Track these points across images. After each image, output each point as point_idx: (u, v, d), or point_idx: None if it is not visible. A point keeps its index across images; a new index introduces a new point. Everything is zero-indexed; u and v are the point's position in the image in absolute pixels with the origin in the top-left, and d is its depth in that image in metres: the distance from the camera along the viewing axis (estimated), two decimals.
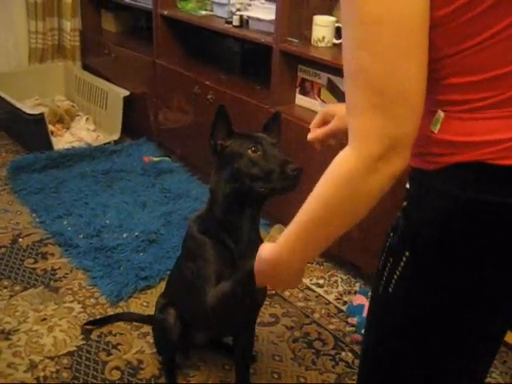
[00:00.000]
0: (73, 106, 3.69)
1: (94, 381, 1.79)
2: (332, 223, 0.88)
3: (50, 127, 3.29)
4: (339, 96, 2.32)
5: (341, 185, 0.83)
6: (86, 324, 2.01)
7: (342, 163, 0.82)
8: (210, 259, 1.46)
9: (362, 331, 1.15)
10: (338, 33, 2.35)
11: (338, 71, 2.25)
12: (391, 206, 0.95)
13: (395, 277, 0.91)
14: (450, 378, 0.96)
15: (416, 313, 0.92)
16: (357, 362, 1.90)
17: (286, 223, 0.98)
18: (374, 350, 1.04)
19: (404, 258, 0.89)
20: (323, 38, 2.32)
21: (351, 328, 2.08)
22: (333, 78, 2.32)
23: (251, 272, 1.12)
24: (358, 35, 0.75)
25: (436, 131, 0.82)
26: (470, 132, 0.80)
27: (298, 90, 2.48)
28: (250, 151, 1.38)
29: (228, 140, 1.43)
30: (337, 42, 2.35)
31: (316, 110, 2.42)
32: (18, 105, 3.20)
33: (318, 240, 0.92)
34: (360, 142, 0.79)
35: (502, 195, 0.79)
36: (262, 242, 1.52)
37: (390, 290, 0.93)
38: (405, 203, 0.92)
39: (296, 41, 2.36)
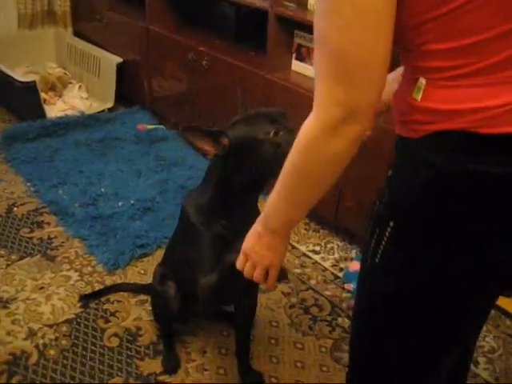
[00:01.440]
0: (65, 74, 3.63)
1: (94, 348, 1.81)
2: (304, 185, 0.92)
3: (43, 95, 3.24)
4: None
5: (305, 149, 0.87)
6: (82, 298, 2.00)
7: (306, 128, 0.86)
8: (207, 252, 1.43)
9: None
10: None
11: None
12: (386, 173, 0.94)
13: (381, 247, 0.92)
14: (437, 342, 0.97)
15: (402, 282, 0.93)
16: None
17: None
18: (364, 317, 1.05)
19: (389, 228, 0.90)
20: None
21: (347, 294, 2.10)
22: None
23: (233, 265, 1.13)
24: (326, 6, 0.78)
25: (418, 99, 0.83)
26: (451, 100, 0.80)
27: (294, 55, 2.45)
28: (272, 134, 1.25)
29: (222, 139, 1.29)
30: None
31: (312, 76, 2.39)
32: (9, 72, 3.14)
33: (297, 201, 0.96)
34: (320, 107, 0.83)
35: (483, 164, 0.79)
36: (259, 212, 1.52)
37: (377, 260, 0.94)
38: (390, 172, 0.92)
39: (292, 5, 2.32)
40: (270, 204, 0.99)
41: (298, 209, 0.98)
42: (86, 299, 2.00)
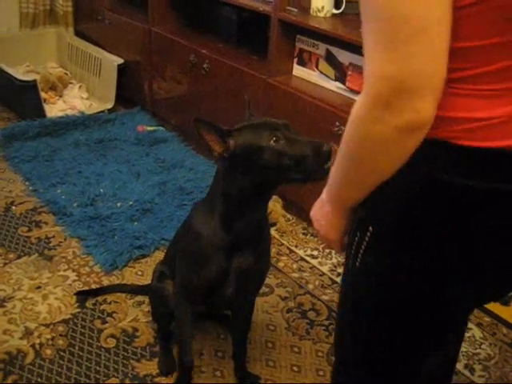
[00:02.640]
0: (65, 74, 3.63)
1: (90, 348, 1.81)
2: (351, 165, 0.86)
3: (43, 94, 3.24)
4: (338, 68, 2.30)
5: (352, 127, 0.81)
6: (77, 293, 2.00)
7: (354, 106, 0.79)
8: (206, 276, 1.46)
9: None
10: (337, 3, 2.32)
11: (337, 42, 2.22)
12: None
13: (361, 251, 0.92)
14: (417, 345, 0.98)
15: (380, 286, 0.93)
16: None
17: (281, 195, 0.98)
18: (346, 320, 1.05)
19: (368, 233, 0.90)
20: (322, 7, 2.28)
21: None
22: (331, 48, 2.29)
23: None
24: None
25: None
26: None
27: (295, 60, 2.45)
28: (272, 142, 1.26)
29: (229, 140, 1.30)
30: (336, 12, 2.32)
31: (313, 81, 2.40)
32: (10, 71, 3.14)
33: (346, 179, 0.90)
34: (367, 84, 0.75)
35: (462, 177, 0.78)
36: (267, 221, 1.52)
37: (357, 264, 0.94)
38: None
39: (295, 10, 2.33)
40: (330, 175, 0.94)
41: (348, 188, 0.91)
42: (82, 295, 2.00)
